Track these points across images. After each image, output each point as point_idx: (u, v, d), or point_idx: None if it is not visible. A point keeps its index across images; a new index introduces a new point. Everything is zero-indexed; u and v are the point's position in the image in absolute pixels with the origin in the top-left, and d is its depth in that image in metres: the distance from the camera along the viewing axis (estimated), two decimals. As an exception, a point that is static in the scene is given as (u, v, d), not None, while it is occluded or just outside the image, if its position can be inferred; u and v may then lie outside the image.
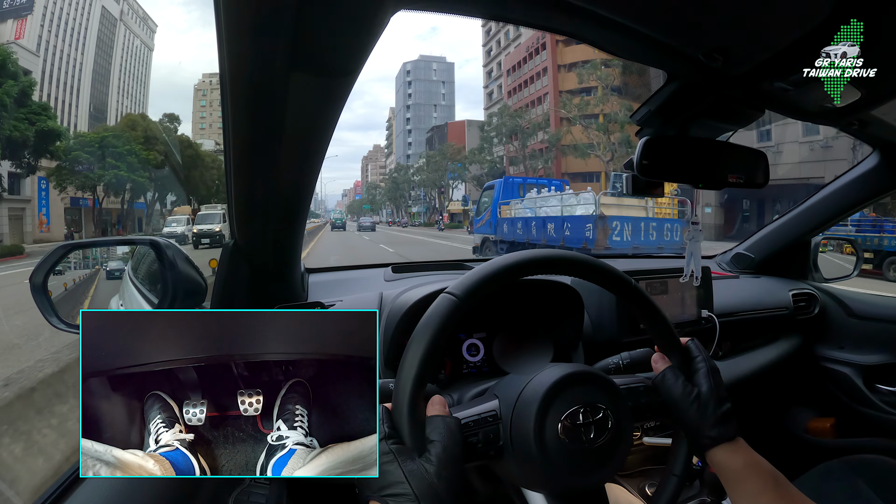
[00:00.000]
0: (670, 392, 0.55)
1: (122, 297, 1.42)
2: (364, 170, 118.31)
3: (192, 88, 64.41)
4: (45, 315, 0.72)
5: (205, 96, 62.80)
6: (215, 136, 52.99)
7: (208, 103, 62.35)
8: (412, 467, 0.42)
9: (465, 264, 1.28)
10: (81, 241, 1.01)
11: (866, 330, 1.34)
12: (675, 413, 0.56)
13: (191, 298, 0.79)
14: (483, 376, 0.87)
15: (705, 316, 1.13)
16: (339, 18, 0.46)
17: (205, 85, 63.50)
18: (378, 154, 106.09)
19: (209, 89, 62.65)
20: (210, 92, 62.31)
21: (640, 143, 0.68)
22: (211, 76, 63.95)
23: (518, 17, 0.54)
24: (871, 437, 1.29)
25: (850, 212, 1.31)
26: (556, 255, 0.55)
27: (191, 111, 63.11)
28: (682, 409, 0.54)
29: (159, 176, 26.44)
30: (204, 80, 63.93)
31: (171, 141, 26.52)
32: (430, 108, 67.26)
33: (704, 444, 0.53)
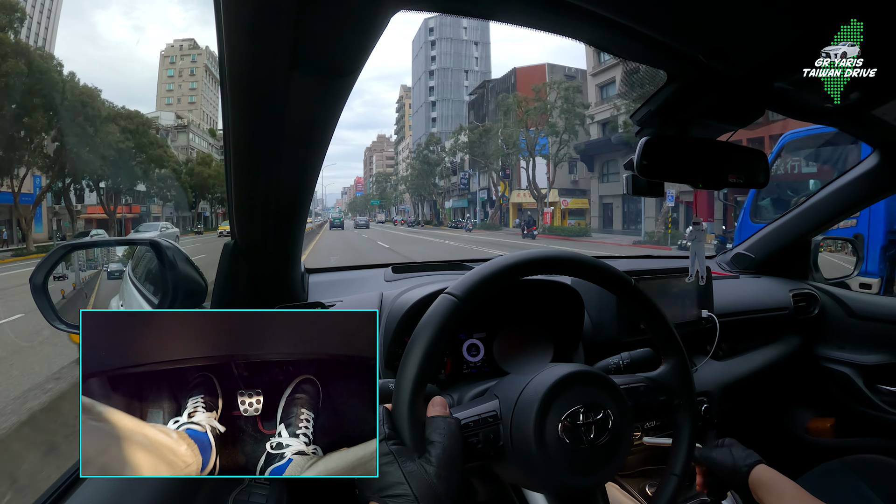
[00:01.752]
0: (713, 461, 0.74)
1: (122, 298, 1.42)
2: (367, 163, 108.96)
3: (159, 56, 52.85)
4: (45, 315, 0.72)
5: (173, 64, 51.74)
6: (184, 110, 46.81)
7: (176, 72, 51.44)
8: (412, 468, 0.42)
9: (465, 264, 1.28)
10: (81, 241, 1.01)
11: (866, 330, 1.34)
12: (714, 470, 0.74)
13: (191, 298, 0.79)
14: (483, 376, 0.86)
15: (705, 316, 1.13)
16: (339, 18, 0.46)
17: (173, 51, 51.94)
18: (383, 144, 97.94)
19: (178, 56, 51.44)
20: (179, 59, 51.64)
21: (640, 143, 0.68)
22: (182, 41, 52.83)
23: (518, 17, 0.54)
24: (871, 437, 1.29)
25: (850, 212, 1.31)
26: (556, 254, 0.55)
27: (155, 82, 51.89)
28: (719, 464, 0.73)
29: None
30: (173, 46, 52.08)
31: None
32: (459, 75, 50.02)
33: (743, 474, 0.68)
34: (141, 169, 22.68)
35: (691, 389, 0.61)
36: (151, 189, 26.43)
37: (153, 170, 24.00)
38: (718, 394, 1.14)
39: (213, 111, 51.99)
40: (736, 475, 0.71)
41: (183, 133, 42.21)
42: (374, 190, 73.51)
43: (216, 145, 45.16)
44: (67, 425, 1.51)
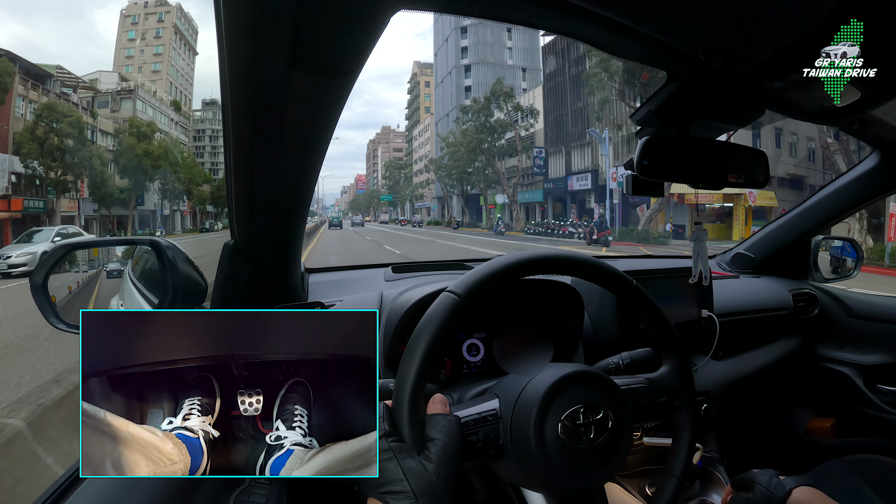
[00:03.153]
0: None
1: (121, 297, 1.42)
2: (370, 157, 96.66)
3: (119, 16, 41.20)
4: (45, 315, 0.72)
5: (135, 25, 41.29)
6: (147, 78, 36.74)
7: (139, 35, 40.79)
8: (411, 465, 0.42)
9: (465, 264, 1.28)
10: (81, 241, 1.02)
11: (866, 330, 1.34)
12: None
13: (191, 298, 0.79)
14: (483, 376, 0.86)
15: (705, 316, 1.13)
16: (339, 18, 0.46)
17: (136, 9, 41.58)
18: (389, 135, 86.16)
19: (141, 15, 41.11)
20: (143, 19, 41.18)
21: (640, 143, 0.68)
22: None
23: (518, 16, 0.54)
24: (871, 437, 1.29)
25: (851, 212, 1.31)
26: (556, 254, 0.55)
27: (113, 46, 40.70)
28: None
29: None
30: (136, 3, 41.53)
31: None
32: (500, 33, 39.31)
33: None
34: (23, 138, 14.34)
35: (691, 390, 0.60)
36: (45, 171, 16.99)
37: (40, 141, 15.85)
38: (718, 394, 1.14)
39: (182, 82, 42.61)
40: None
41: (128, 100, 31.62)
42: (385, 184, 63.73)
43: (182, 122, 38.58)
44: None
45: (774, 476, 0.66)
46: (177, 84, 42.07)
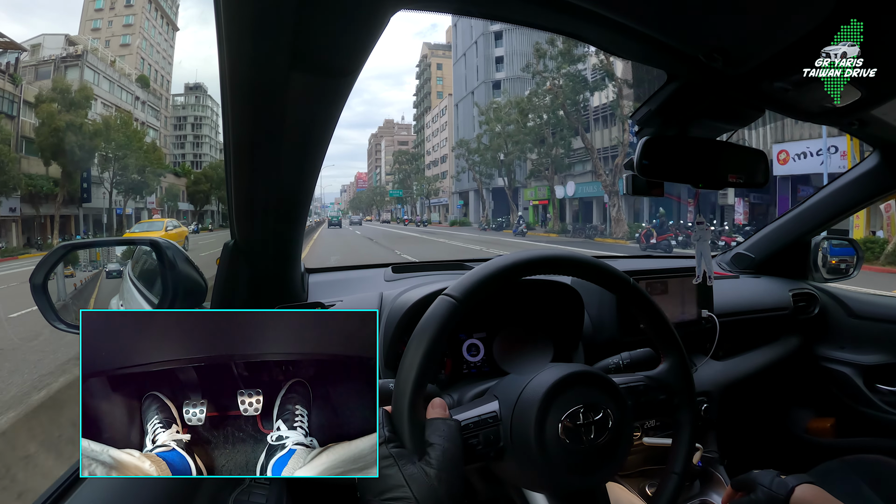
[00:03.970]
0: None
1: (121, 297, 1.42)
2: (372, 153, 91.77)
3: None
4: (45, 315, 0.72)
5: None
6: (115, 54, 31.10)
7: (107, 3, 34.08)
8: (412, 471, 0.42)
9: (465, 264, 1.28)
10: (81, 241, 1.01)
11: (866, 330, 1.34)
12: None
13: (191, 298, 0.79)
14: (483, 376, 0.86)
15: (705, 316, 1.13)
16: (339, 18, 0.46)
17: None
18: (392, 127, 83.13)
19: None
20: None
21: (640, 143, 0.68)
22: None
23: (518, 16, 0.54)
24: (871, 437, 1.29)
25: (851, 212, 1.31)
26: (556, 254, 0.55)
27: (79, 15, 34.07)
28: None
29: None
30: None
31: None
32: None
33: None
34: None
35: (691, 387, 0.61)
36: None
37: None
38: (718, 394, 1.14)
39: (158, 59, 36.34)
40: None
41: (74, 68, 25.03)
42: (392, 178, 56.07)
43: (152, 103, 32.57)
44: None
45: (776, 476, 0.66)
46: (150, 61, 35.62)
